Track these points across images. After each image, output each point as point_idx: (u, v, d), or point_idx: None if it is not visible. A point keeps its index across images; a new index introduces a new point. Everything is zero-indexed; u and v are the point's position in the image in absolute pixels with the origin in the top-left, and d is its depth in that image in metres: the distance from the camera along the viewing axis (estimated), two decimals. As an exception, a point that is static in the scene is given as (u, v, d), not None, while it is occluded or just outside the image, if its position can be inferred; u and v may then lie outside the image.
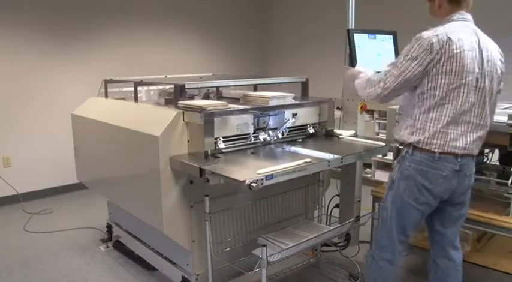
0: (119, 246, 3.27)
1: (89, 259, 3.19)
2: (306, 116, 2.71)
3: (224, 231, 2.44)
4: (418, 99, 1.87)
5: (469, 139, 1.86)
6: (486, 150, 2.65)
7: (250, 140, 2.46)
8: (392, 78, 1.88)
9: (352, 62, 2.63)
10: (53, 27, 4.49)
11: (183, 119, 2.27)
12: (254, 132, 2.47)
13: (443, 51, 1.77)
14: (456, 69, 1.78)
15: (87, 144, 3.11)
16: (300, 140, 2.69)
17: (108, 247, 3.35)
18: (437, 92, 1.81)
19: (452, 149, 1.84)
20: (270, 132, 2.54)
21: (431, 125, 1.84)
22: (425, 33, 1.83)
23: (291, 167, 2.01)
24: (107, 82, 3.13)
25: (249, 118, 2.44)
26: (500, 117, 2.22)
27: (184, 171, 2.22)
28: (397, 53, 2.94)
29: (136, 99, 2.79)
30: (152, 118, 2.44)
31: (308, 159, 2.11)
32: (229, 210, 2.44)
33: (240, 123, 2.40)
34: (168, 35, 5.39)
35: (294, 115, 2.63)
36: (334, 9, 4.48)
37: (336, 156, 2.22)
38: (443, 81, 1.79)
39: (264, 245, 2.13)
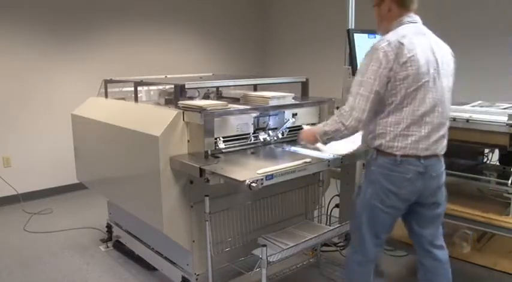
0: (119, 246, 3.27)
1: (89, 259, 3.19)
2: (306, 116, 2.71)
3: (224, 231, 2.44)
4: (379, 106, 1.87)
5: (431, 140, 1.86)
6: (486, 150, 2.65)
7: (250, 140, 2.46)
8: (362, 100, 1.82)
9: (352, 61, 2.63)
10: (53, 27, 4.49)
11: (183, 119, 2.27)
12: (254, 132, 2.47)
13: (398, 57, 1.78)
14: (412, 73, 1.79)
15: (87, 144, 3.11)
16: (300, 140, 2.69)
17: (108, 247, 3.35)
18: (396, 98, 1.82)
19: (414, 151, 1.84)
20: (270, 132, 2.54)
21: (391, 129, 1.85)
22: (379, 44, 1.82)
23: (291, 167, 2.01)
24: (107, 82, 3.13)
25: (249, 118, 2.44)
26: (500, 117, 2.22)
27: (184, 171, 2.22)
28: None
29: (136, 99, 2.79)
30: (152, 118, 2.44)
31: (308, 159, 2.11)
32: (229, 210, 2.44)
33: (240, 123, 2.40)
34: (168, 35, 5.39)
35: (294, 115, 2.63)
36: (334, 9, 4.48)
37: (336, 156, 2.22)
38: (401, 86, 1.80)
39: (264, 245, 2.13)
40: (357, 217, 2.02)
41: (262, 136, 2.49)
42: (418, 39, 1.84)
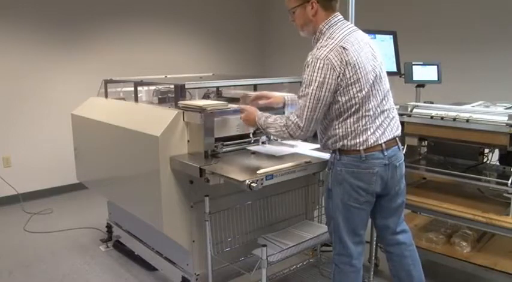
0: (119, 246, 3.27)
1: (89, 259, 3.19)
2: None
3: (224, 231, 2.44)
4: (335, 112, 1.87)
5: (385, 125, 1.90)
6: (486, 150, 2.65)
7: (251, 141, 2.46)
8: (310, 113, 1.82)
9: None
10: (53, 27, 4.49)
11: (183, 119, 2.27)
12: (254, 133, 2.47)
13: (344, 63, 1.78)
14: (361, 75, 1.81)
15: (87, 144, 3.11)
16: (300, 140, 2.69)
17: (108, 247, 3.35)
18: (353, 102, 1.83)
19: (374, 139, 1.85)
20: (270, 132, 2.54)
21: (352, 129, 1.86)
22: (320, 53, 1.80)
23: (291, 167, 2.01)
24: (107, 82, 3.13)
25: (249, 118, 2.44)
26: (500, 117, 2.22)
27: (184, 171, 2.22)
28: (397, 53, 2.94)
29: (136, 99, 2.79)
30: (152, 118, 2.44)
31: (308, 159, 2.11)
32: (229, 210, 2.44)
33: (240, 123, 2.40)
34: (168, 35, 5.39)
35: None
36: (334, 9, 4.47)
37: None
38: (355, 90, 1.81)
39: (264, 245, 2.13)
40: (332, 220, 2.02)
41: (262, 136, 2.48)
42: (354, 38, 1.86)
